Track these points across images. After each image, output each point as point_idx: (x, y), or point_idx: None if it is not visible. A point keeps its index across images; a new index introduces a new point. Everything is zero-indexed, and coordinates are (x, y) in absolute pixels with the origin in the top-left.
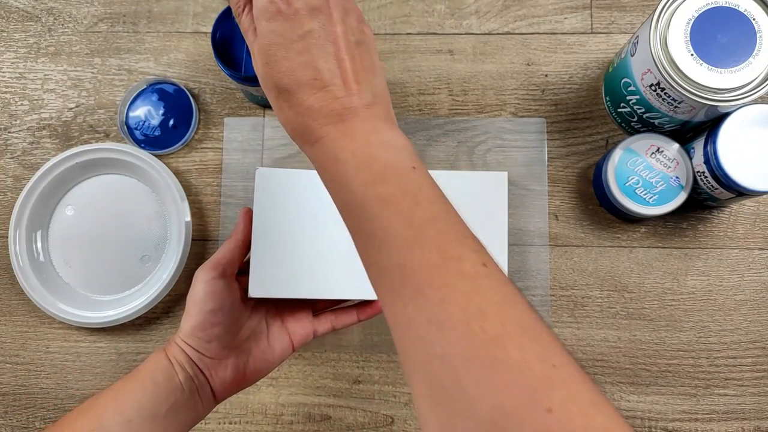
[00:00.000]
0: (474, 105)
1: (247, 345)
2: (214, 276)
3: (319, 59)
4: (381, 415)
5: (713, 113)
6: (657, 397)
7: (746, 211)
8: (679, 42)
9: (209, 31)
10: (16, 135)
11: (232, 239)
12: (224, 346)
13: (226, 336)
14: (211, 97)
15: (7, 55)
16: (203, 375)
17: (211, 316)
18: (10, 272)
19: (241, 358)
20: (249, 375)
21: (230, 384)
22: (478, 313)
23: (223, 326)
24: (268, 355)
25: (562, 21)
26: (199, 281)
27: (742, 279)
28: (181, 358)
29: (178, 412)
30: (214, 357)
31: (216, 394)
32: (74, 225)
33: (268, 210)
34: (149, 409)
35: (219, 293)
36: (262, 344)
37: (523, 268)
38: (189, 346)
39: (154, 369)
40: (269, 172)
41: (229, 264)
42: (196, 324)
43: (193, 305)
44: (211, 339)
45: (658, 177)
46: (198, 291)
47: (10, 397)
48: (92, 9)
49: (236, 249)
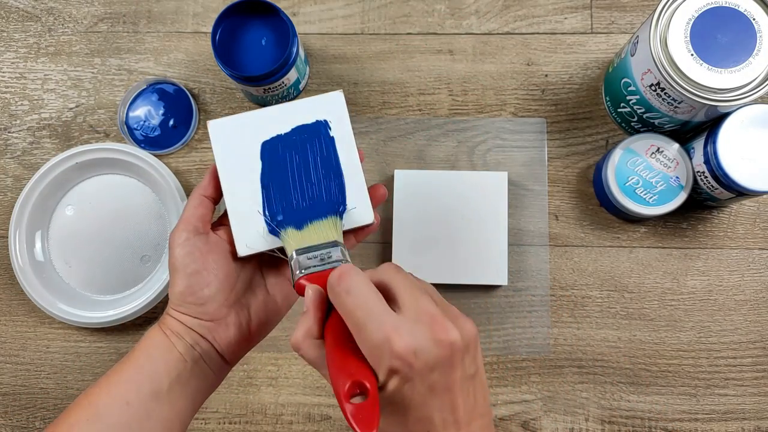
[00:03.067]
0: (474, 105)
1: (246, 299)
2: (188, 235)
3: (434, 411)
4: None
5: (713, 113)
6: (657, 397)
7: (746, 211)
8: (679, 42)
9: (209, 31)
10: (16, 135)
11: (195, 195)
12: (220, 305)
13: (219, 294)
14: (211, 97)
15: (7, 55)
16: (205, 340)
17: (197, 278)
18: (10, 272)
19: (242, 314)
20: (254, 330)
21: (237, 344)
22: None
23: (213, 285)
24: (270, 305)
25: (562, 21)
26: (175, 245)
27: (742, 279)
28: (177, 328)
29: (185, 384)
30: (212, 319)
31: (225, 358)
32: (74, 225)
33: (228, 161)
34: (149, 386)
35: (198, 252)
36: (261, 295)
37: (523, 268)
38: (182, 313)
39: (149, 345)
40: (222, 122)
41: (200, 220)
42: (183, 289)
43: (175, 271)
44: (203, 301)
45: (658, 177)
46: (176, 255)
47: (10, 397)
48: (92, 9)
49: (202, 204)
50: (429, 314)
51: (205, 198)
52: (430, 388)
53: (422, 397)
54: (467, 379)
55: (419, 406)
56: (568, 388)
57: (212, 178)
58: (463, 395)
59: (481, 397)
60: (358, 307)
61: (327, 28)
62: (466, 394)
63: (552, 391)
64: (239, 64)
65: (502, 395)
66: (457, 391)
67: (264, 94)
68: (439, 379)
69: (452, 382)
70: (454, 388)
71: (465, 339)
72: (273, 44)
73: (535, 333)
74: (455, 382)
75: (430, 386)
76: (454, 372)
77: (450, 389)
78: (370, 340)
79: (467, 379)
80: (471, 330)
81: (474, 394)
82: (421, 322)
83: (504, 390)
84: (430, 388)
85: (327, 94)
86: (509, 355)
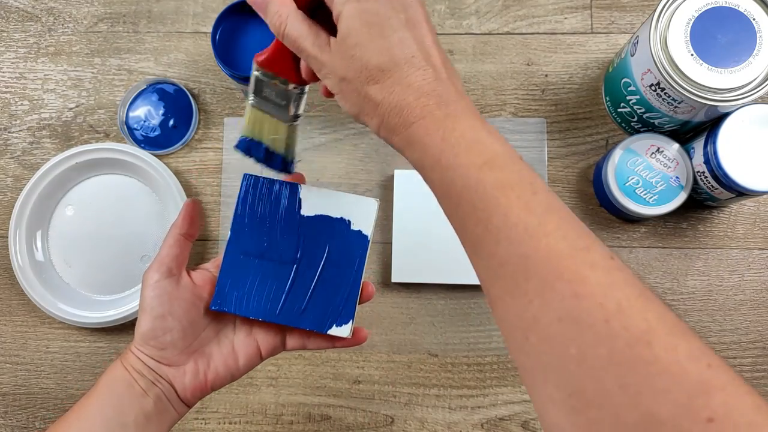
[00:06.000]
0: (474, 105)
1: (209, 349)
2: (159, 278)
3: (415, 37)
4: (381, 415)
5: (713, 113)
6: None
7: (746, 211)
8: (679, 42)
9: (209, 31)
10: (16, 135)
11: (171, 233)
12: (180, 352)
13: (182, 341)
14: (211, 97)
15: (7, 55)
16: (164, 380)
17: (161, 322)
18: (10, 272)
19: (200, 364)
20: (210, 381)
21: (192, 390)
22: (618, 310)
23: (176, 331)
24: (231, 361)
25: (562, 21)
26: (146, 285)
27: (742, 279)
28: (138, 366)
29: (150, 417)
30: (171, 364)
31: (184, 400)
32: (74, 225)
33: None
34: (116, 419)
35: (166, 296)
36: (225, 350)
37: None
38: (143, 353)
39: (111, 381)
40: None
41: (174, 261)
42: (145, 331)
43: (142, 311)
44: (164, 346)
45: (658, 177)
46: (145, 296)
47: (10, 397)
48: (92, 9)
49: (177, 243)
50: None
51: (181, 237)
52: (407, 7)
53: (398, 17)
54: (432, 27)
55: (398, 28)
56: None
57: (187, 215)
58: (435, 38)
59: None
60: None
61: None
62: (437, 41)
63: None
64: (239, 64)
65: (502, 395)
66: (430, 27)
67: None
68: (414, 3)
69: (424, 14)
70: (428, 22)
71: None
72: None
73: None
74: (426, 16)
75: (406, 4)
76: (422, 4)
77: (426, 21)
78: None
79: (432, 27)
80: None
81: (442, 50)
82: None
83: (504, 390)
84: (407, 6)
85: (362, 197)
86: (509, 355)
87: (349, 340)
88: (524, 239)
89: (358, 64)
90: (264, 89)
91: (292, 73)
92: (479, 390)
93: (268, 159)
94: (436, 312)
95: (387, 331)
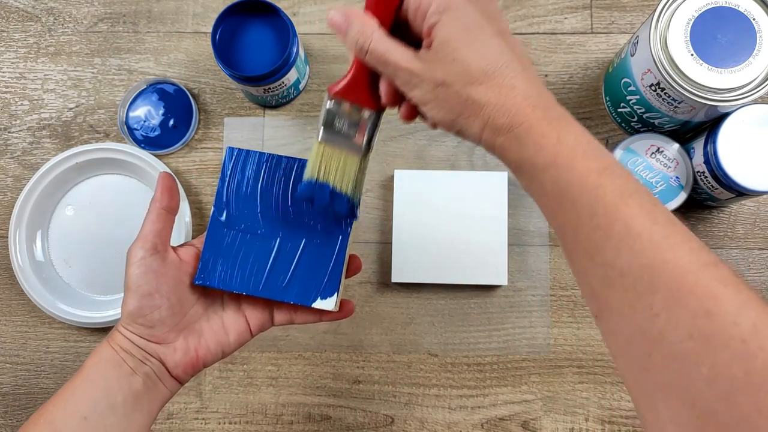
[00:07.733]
0: None
1: (199, 326)
2: (144, 254)
3: (509, 45)
4: (381, 415)
5: (713, 113)
6: None
7: (746, 211)
8: (679, 42)
9: (209, 31)
10: (16, 135)
11: (152, 208)
12: (169, 329)
13: (169, 319)
14: (211, 97)
15: (7, 55)
16: (154, 358)
17: (148, 300)
18: (10, 272)
19: (190, 341)
20: (202, 357)
21: (183, 367)
22: (754, 330)
23: (164, 309)
24: (222, 337)
25: (562, 21)
26: (130, 262)
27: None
28: (126, 345)
29: (139, 397)
30: (161, 342)
31: (176, 377)
32: (74, 225)
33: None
34: (104, 400)
35: (153, 273)
36: (215, 326)
37: (523, 268)
38: (131, 332)
39: (98, 361)
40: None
41: (158, 236)
42: (133, 310)
43: (127, 289)
44: (152, 324)
45: (658, 177)
46: (130, 274)
47: (10, 397)
48: (92, 9)
49: (160, 218)
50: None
51: (162, 210)
52: (493, 14)
53: (492, 25)
54: None
55: (494, 35)
56: (568, 388)
57: (165, 188)
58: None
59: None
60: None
61: (327, 28)
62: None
63: (552, 391)
64: (239, 64)
65: (502, 395)
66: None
67: (264, 94)
68: (498, 10)
69: (506, 21)
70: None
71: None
72: (273, 44)
73: (535, 333)
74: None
75: (495, 10)
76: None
77: (508, 29)
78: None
79: None
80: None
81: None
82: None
83: (504, 390)
84: (493, 13)
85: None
86: (509, 355)
87: (336, 313)
88: (649, 250)
89: (459, 66)
90: (335, 122)
91: (370, 99)
92: (479, 390)
93: (333, 202)
94: (436, 312)
95: (387, 331)
